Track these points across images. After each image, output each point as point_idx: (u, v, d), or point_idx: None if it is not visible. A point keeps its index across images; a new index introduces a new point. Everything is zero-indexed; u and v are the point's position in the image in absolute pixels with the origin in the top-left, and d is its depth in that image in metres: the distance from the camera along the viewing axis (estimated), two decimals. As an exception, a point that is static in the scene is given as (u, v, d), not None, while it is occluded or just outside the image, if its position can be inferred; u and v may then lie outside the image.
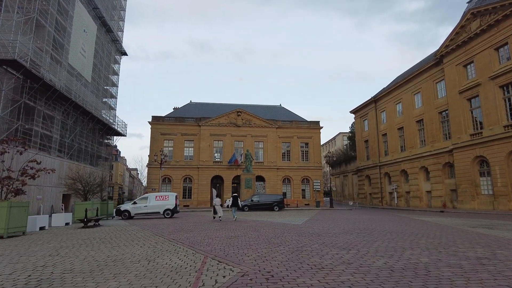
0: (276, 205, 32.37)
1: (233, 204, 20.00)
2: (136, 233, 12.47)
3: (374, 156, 48.36)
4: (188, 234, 11.52)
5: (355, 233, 11.17)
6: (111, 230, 14.02)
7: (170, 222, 18.16)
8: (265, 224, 15.39)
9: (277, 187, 48.00)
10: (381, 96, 47.14)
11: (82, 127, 36.20)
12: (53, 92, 27.95)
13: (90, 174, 20.05)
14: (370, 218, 20.07)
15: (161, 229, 13.72)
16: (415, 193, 38.77)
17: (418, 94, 39.23)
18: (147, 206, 22.17)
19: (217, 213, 19.29)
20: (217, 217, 19.39)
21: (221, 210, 19.45)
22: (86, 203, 18.15)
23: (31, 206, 26.22)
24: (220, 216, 19.21)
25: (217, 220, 19.07)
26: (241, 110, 49.92)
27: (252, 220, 18.27)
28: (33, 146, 26.53)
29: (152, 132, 47.89)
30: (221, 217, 19.35)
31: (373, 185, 48.52)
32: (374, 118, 48.65)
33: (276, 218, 19.89)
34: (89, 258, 7.02)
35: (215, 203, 19.67)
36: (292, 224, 15.12)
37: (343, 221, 17.05)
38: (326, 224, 15.01)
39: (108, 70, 44.76)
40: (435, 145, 35.28)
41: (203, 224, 16.33)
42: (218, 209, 19.33)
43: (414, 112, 39.56)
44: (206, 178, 47.33)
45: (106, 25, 41.58)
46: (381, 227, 13.66)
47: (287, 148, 50.48)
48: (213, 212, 20.02)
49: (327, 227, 13.48)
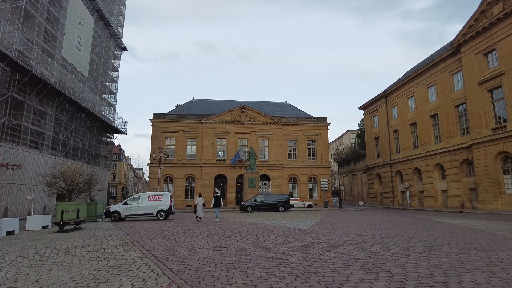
0: (281, 205, 30.36)
1: (215, 204, 19.71)
2: (111, 240, 10.64)
3: (384, 153, 46.05)
4: (170, 242, 9.60)
5: (377, 242, 9.13)
6: (87, 235, 12.22)
7: (160, 225, 16.28)
8: (267, 229, 13.36)
9: (283, 186, 45.98)
10: (392, 90, 44.82)
11: (78, 124, 34.66)
12: (44, 86, 26.36)
13: (74, 171, 18.23)
14: (386, 220, 17.99)
15: (143, 235, 11.85)
16: (430, 193, 36.44)
17: (432, 87, 36.86)
18: (138, 207, 20.30)
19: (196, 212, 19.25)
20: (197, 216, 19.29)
21: (202, 210, 19.30)
22: (66, 204, 16.45)
23: (21, 206, 24.68)
24: (200, 216, 19.12)
25: (197, 220, 18.98)
26: (245, 107, 48.00)
27: (253, 223, 16.23)
28: (22, 143, 24.99)
29: (153, 130, 46.24)
30: (201, 218, 19.22)
31: (384, 184, 46.21)
32: (385, 114, 46.32)
33: (280, 221, 17.90)
34: (9, 283, 5.15)
35: (197, 203, 19.57)
36: (298, 229, 13.08)
37: (357, 225, 15.03)
38: (339, 229, 12.95)
39: (107, 66, 43.23)
40: (452, 141, 32.93)
41: (194, 228, 14.34)
42: (198, 209, 19.20)
43: (428, 107, 37.21)
44: (209, 177, 45.52)
45: (104, 18, 40.02)
46: (404, 232, 11.62)
47: (293, 146, 48.39)
48: (193, 211, 19.84)
49: (340, 233, 11.46)
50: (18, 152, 24.30)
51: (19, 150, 24.42)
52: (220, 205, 19.91)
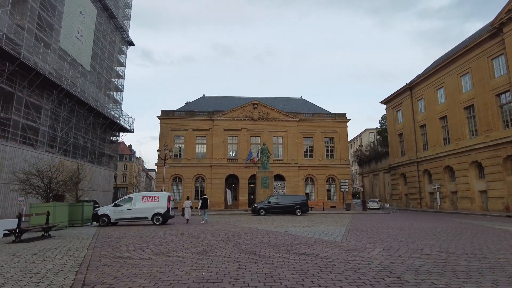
0: (298, 208, 27.12)
1: (202, 206, 19.98)
2: (61, 256, 7.71)
3: (410, 151, 42.16)
4: (135, 267, 6.43)
5: (473, 271, 5.89)
6: (43, 247, 9.29)
7: (149, 233, 13.23)
8: (284, 241, 10.10)
9: (299, 187, 42.62)
10: (417, 82, 40.94)
11: (79, 120, 32.35)
12: (36, 76, 24.01)
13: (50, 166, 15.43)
14: (431, 227, 14.58)
15: (113, 249, 8.89)
16: (465, 194, 32.47)
17: (466, 75, 32.94)
18: (131, 210, 17.35)
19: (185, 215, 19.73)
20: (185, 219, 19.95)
21: (189, 212, 19.88)
22: (42, 205, 13.74)
23: (10, 209, 22.31)
24: (188, 218, 19.77)
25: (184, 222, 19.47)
26: (258, 102, 44.93)
27: (265, 232, 12.94)
28: (11, 138, 22.65)
29: (161, 128, 43.71)
30: (189, 220, 19.77)
31: (410, 185, 42.29)
32: (410, 108, 42.44)
33: (300, 227, 14.66)
34: None
35: (185, 205, 20.27)
36: (327, 242, 9.78)
37: (402, 234, 11.72)
38: (383, 242, 9.59)
39: (112, 60, 41.01)
40: (492, 135, 28.98)
41: (187, 239, 11.08)
42: (186, 211, 19.86)
43: (461, 98, 33.29)
44: (220, 178, 42.62)
45: (108, 9, 37.78)
46: (483, 249, 8.33)
47: (309, 144, 44.97)
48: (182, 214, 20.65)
49: (391, 250, 8.15)
50: (6, 148, 21.95)
51: (7, 146, 22.07)
52: (207, 207, 20.16)
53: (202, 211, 19.59)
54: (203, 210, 19.59)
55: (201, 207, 19.79)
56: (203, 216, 19.34)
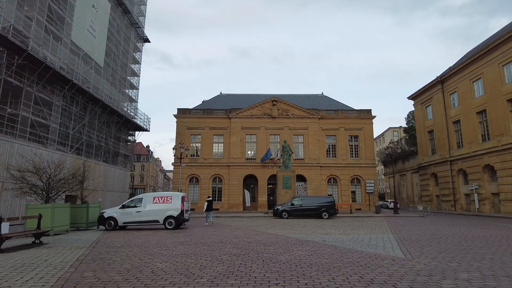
0: (325, 210, 24.81)
1: (207, 208, 20.31)
2: (30, 278, 5.89)
3: (442, 149, 38.99)
4: None
5: None
6: (14, 263, 7.33)
7: (158, 240, 11.28)
8: (328, 257, 7.79)
9: (321, 188, 40.19)
10: (450, 74, 37.78)
11: (92, 118, 31.16)
12: (46, 70, 22.76)
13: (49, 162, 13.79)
14: (498, 235, 12.07)
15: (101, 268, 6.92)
16: (509, 195, 29.26)
17: (509, 64, 29.76)
18: (140, 212, 15.47)
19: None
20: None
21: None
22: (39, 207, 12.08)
23: (18, 209, 21.06)
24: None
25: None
26: (277, 99, 42.79)
27: (297, 241, 10.61)
28: (19, 135, 21.44)
29: (177, 127, 42.26)
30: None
31: (442, 185, 39.09)
32: (441, 103, 39.29)
33: (336, 235, 12.39)
34: None
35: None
36: (389, 258, 7.45)
37: (468, 244, 9.43)
38: (466, 259, 7.30)
39: (127, 57, 39.88)
40: (542, 130, 25.82)
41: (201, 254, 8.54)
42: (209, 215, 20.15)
43: (503, 89, 30.11)
44: (238, 178, 40.71)
45: (122, 4, 36.61)
46: None
47: (332, 142, 42.42)
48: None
49: (480, 271, 5.91)
50: (14, 145, 20.74)
51: (15, 143, 20.86)
52: (211, 209, 20.55)
53: (207, 213, 20.09)
54: (207, 212, 20.08)
55: (206, 209, 20.30)
56: (207, 219, 19.93)
